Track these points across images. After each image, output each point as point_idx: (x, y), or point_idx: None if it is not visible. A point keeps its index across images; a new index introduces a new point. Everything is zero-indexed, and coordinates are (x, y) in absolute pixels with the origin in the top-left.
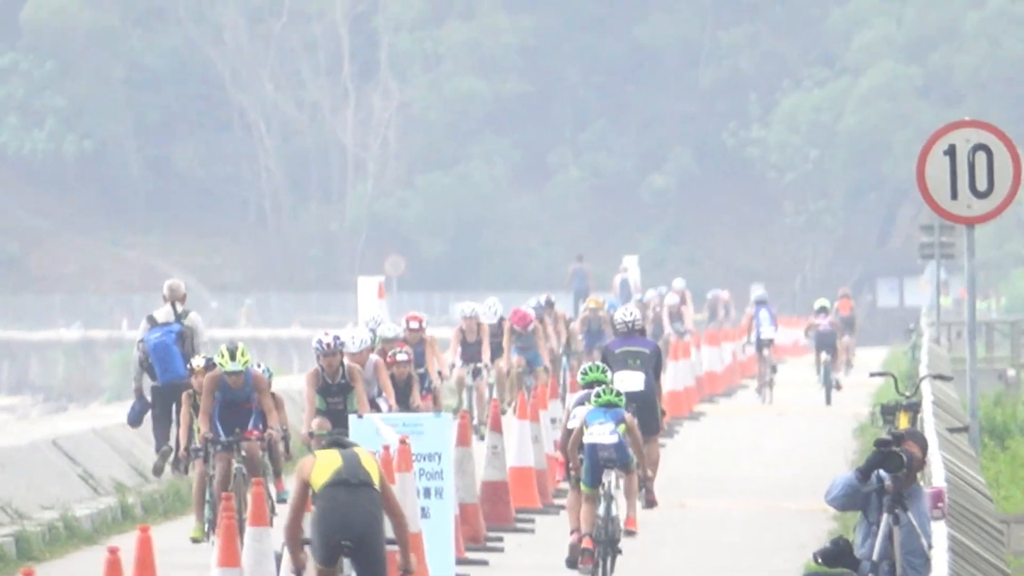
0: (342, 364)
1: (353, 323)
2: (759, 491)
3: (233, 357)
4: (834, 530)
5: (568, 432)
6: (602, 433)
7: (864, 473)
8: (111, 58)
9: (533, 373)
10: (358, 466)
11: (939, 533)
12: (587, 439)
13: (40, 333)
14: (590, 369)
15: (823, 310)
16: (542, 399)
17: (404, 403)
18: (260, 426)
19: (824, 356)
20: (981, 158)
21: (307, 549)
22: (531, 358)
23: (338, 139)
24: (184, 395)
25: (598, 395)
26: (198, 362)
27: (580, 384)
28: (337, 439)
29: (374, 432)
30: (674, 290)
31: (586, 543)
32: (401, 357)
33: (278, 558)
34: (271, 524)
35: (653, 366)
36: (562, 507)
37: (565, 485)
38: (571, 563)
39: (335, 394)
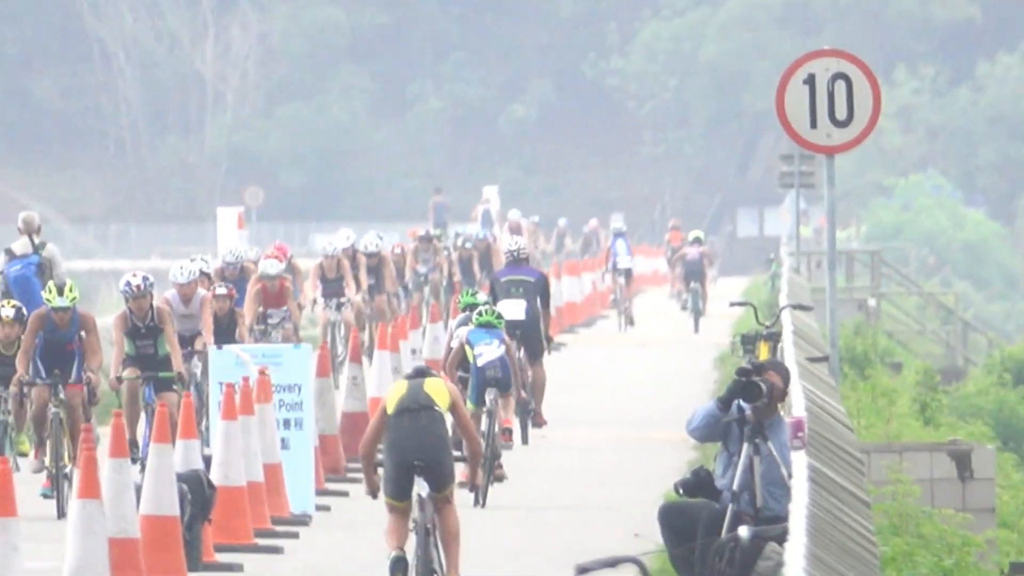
0: (152, 306)
1: (213, 254)
2: (620, 421)
3: (61, 293)
4: (695, 460)
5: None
6: (492, 351)
7: (724, 403)
8: None
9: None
10: (419, 392)
11: (799, 463)
12: (479, 361)
13: None
14: (465, 293)
15: (697, 240)
16: (402, 330)
17: (228, 339)
18: (81, 372)
19: (693, 285)
20: (840, 87)
21: (381, 476)
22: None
23: (197, 70)
24: None
25: (479, 314)
26: (7, 312)
27: (460, 307)
28: (420, 369)
29: (234, 363)
30: (509, 221)
31: None
32: (220, 291)
33: (138, 489)
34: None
35: (539, 294)
36: None
37: None
38: None
39: (144, 337)
